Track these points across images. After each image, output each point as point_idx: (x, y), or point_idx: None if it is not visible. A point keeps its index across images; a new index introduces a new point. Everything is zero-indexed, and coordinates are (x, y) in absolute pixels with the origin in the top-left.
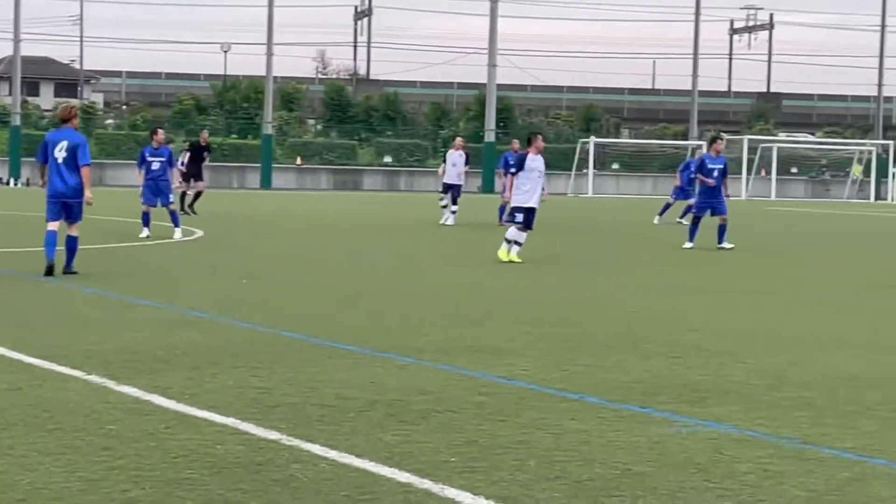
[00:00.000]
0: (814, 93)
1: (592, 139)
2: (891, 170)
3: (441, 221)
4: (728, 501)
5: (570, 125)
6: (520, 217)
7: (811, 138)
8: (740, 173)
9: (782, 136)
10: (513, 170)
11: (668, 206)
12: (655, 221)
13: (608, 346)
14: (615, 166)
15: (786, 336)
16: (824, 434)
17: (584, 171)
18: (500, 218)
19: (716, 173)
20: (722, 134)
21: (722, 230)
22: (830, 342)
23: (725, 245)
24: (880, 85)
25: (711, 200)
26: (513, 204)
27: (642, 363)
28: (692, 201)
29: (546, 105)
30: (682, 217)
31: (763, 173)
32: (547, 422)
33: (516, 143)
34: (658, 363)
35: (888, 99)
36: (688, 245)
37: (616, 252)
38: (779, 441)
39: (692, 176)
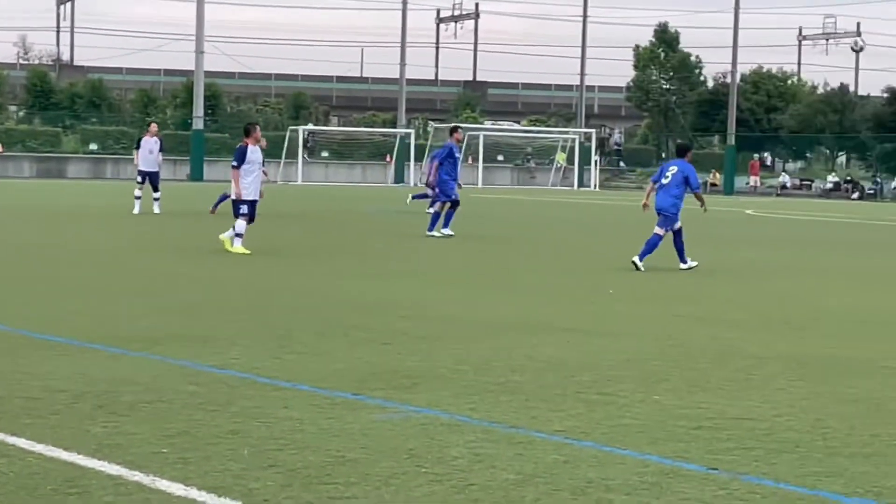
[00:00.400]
0: (518, 81)
1: (301, 127)
2: (593, 157)
3: (134, 211)
4: (439, 486)
5: (279, 112)
6: (245, 209)
7: (516, 126)
8: None
9: (488, 124)
10: (234, 163)
11: (426, 195)
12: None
13: (320, 333)
14: (325, 154)
15: (495, 321)
16: (533, 417)
17: (294, 159)
18: (215, 207)
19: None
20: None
21: (436, 217)
22: (538, 326)
23: (435, 233)
24: (582, 74)
25: (454, 186)
26: (237, 196)
27: (354, 350)
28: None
29: (255, 92)
30: (430, 207)
31: (470, 161)
32: (259, 411)
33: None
34: (370, 350)
35: (590, 88)
36: (447, 231)
37: (327, 239)
38: (489, 425)
39: (438, 161)
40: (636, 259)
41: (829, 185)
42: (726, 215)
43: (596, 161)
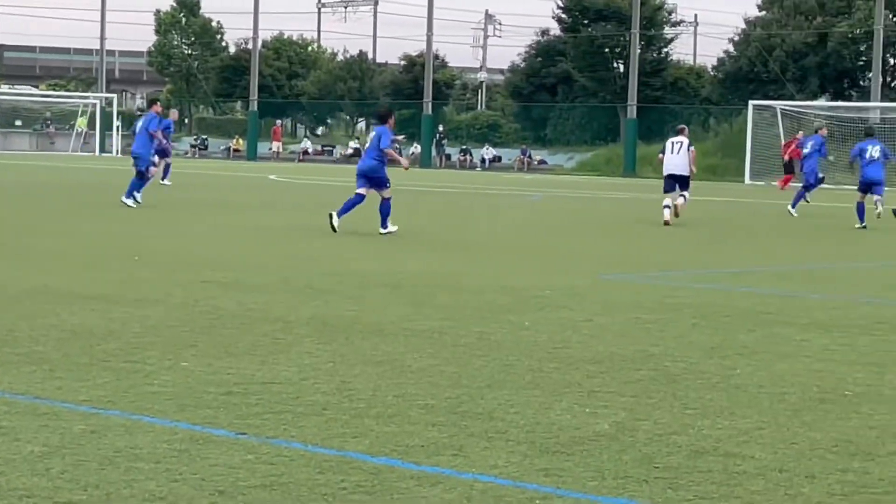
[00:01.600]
0: (36, 45)
1: None
2: (115, 123)
3: None
4: None
5: None
6: None
7: (35, 91)
8: None
9: (5, 88)
10: None
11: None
12: (166, 182)
13: None
14: None
15: (16, 289)
16: (58, 388)
17: None
18: None
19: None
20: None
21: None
22: (61, 294)
23: (129, 203)
24: (102, 38)
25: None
26: None
27: None
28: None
29: None
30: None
31: None
32: None
33: None
34: None
35: (111, 52)
36: (132, 203)
37: None
38: (11, 397)
39: (153, 131)
40: (333, 213)
41: (350, 151)
42: (249, 181)
43: (118, 127)
